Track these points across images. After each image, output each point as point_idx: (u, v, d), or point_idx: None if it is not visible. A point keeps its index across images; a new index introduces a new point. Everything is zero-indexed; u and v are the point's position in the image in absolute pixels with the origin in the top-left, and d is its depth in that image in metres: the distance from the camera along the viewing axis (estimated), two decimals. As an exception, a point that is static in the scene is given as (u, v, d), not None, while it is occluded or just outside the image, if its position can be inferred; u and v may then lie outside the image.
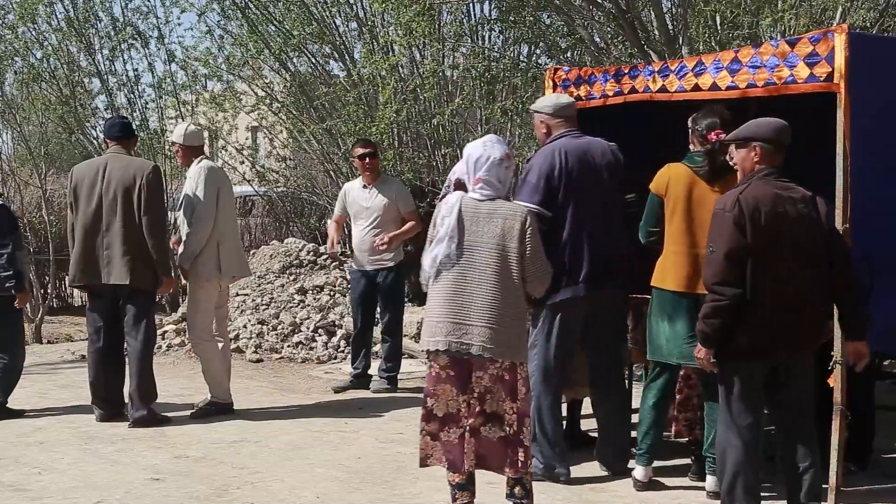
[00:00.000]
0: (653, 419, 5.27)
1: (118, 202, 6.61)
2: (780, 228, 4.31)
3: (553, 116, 5.58)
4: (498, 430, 4.44)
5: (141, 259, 6.61)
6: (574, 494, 5.24)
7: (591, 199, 5.43)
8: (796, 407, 4.48)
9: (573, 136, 5.53)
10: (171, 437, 6.42)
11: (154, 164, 6.87)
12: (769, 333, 4.33)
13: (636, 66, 5.93)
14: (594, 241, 5.41)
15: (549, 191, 5.36)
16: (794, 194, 4.38)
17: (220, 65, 12.65)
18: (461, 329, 4.37)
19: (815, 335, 4.49)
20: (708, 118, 5.10)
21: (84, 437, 6.40)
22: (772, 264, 4.31)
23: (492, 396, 4.43)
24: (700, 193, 5.06)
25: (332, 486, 5.38)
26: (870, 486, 5.26)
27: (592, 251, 5.40)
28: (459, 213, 4.44)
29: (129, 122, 7.45)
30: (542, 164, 5.42)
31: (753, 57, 5.05)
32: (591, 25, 9.88)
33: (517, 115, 10.75)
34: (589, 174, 5.44)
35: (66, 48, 12.73)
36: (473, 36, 11.48)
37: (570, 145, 5.47)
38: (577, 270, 5.38)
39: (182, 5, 12.69)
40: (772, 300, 4.31)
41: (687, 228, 5.07)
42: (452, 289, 4.41)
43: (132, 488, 5.34)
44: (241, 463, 5.82)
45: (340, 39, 11.93)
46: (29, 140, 14.13)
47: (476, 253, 4.42)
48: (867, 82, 4.77)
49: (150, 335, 6.80)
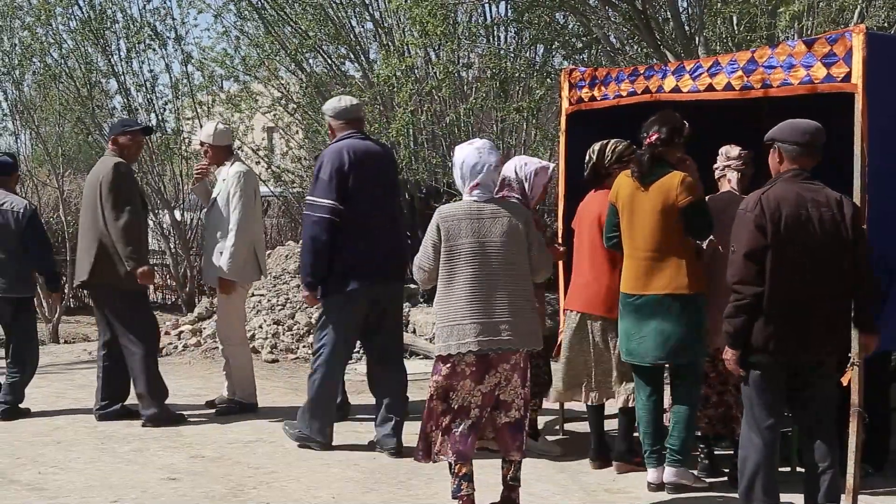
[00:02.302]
0: (646, 419, 5.29)
1: (85, 202, 6.72)
2: (801, 229, 4.30)
3: (335, 118, 6.06)
4: (504, 416, 4.66)
5: (104, 257, 6.57)
6: (588, 495, 5.24)
7: (378, 196, 5.92)
8: (819, 407, 4.48)
9: (357, 138, 6.00)
10: (187, 437, 6.44)
11: (117, 160, 6.66)
12: (789, 333, 4.33)
13: (652, 67, 5.93)
14: (381, 235, 5.91)
15: (340, 187, 5.79)
16: (818, 196, 4.36)
17: (236, 65, 12.68)
18: (488, 327, 4.54)
19: (835, 336, 4.47)
20: (654, 124, 5.19)
21: (100, 437, 6.42)
22: (791, 265, 4.30)
23: (508, 384, 4.64)
24: (637, 199, 5.21)
25: (347, 486, 5.39)
26: (887, 487, 5.24)
27: (380, 244, 5.90)
28: (437, 225, 4.63)
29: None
30: (332, 162, 5.84)
31: (770, 57, 5.04)
32: (606, 25, 9.86)
33: (532, 116, 10.75)
34: (374, 172, 5.92)
35: (83, 49, 12.78)
36: (489, 36, 11.49)
37: (356, 145, 5.92)
38: (366, 262, 5.84)
39: (199, 6, 12.75)
40: (791, 300, 4.31)
41: (630, 234, 5.25)
42: (472, 289, 4.57)
43: (148, 488, 5.36)
44: (257, 463, 5.84)
45: (356, 40, 11.95)
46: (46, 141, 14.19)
47: (489, 252, 4.57)
48: (885, 82, 4.75)
49: (140, 333, 6.69)
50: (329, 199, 5.78)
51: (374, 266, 5.87)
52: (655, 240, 5.14)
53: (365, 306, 5.97)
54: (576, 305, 5.68)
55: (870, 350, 4.62)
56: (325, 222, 5.79)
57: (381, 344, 6.14)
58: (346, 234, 5.81)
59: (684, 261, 5.13)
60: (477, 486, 4.68)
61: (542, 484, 5.38)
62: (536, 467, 5.64)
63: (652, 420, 5.29)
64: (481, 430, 4.69)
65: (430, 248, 4.67)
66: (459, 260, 4.58)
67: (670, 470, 5.22)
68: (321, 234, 5.80)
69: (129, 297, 6.70)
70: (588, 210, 5.70)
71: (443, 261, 4.63)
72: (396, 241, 6.07)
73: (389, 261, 5.98)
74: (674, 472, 5.22)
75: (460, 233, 4.59)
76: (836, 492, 4.43)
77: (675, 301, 5.09)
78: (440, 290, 4.65)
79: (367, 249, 5.84)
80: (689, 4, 10.07)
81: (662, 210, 5.10)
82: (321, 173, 5.84)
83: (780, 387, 4.44)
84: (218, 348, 7.78)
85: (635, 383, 5.37)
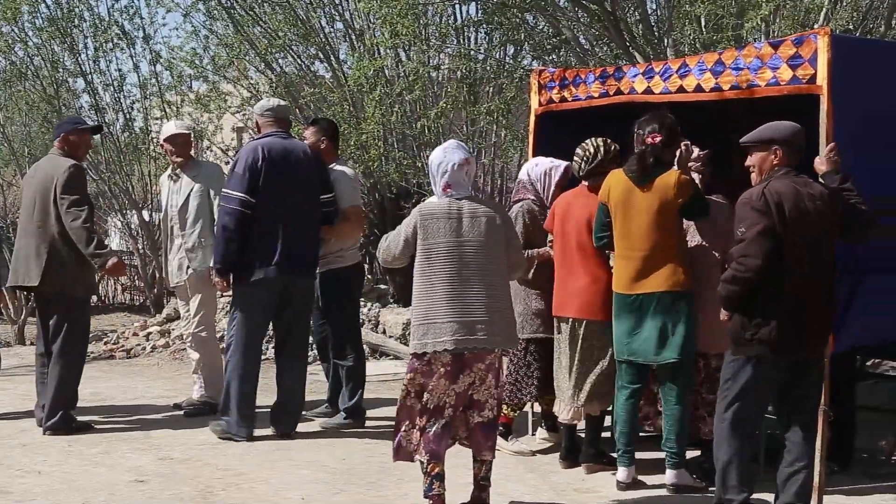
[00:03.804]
0: (625, 418, 5.30)
1: (36, 203, 6.49)
2: (802, 222, 4.39)
3: (261, 116, 6.43)
4: (478, 416, 4.68)
5: (56, 261, 6.42)
6: (558, 494, 5.26)
7: (290, 193, 6.17)
8: (805, 405, 4.54)
9: (279, 136, 6.33)
10: (156, 439, 6.40)
11: (73, 162, 6.53)
12: (791, 329, 4.40)
13: (621, 68, 5.96)
14: (290, 230, 6.16)
15: (252, 182, 6.09)
16: (811, 190, 4.46)
17: (205, 65, 12.60)
18: (466, 327, 4.55)
19: (827, 332, 4.57)
20: (650, 123, 5.19)
21: (67, 439, 6.36)
22: (793, 258, 4.39)
23: (483, 384, 4.65)
24: (634, 198, 5.19)
25: (316, 487, 5.37)
26: (852, 485, 5.29)
27: (288, 239, 6.15)
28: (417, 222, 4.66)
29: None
30: (247, 157, 6.16)
31: (737, 59, 5.08)
32: (576, 27, 9.90)
33: (502, 117, 10.77)
34: (289, 171, 6.20)
35: (49, 47, 12.65)
36: (459, 37, 11.49)
37: (274, 143, 6.25)
38: (271, 254, 6.12)
39: (167, 5, 12.65)
40: (793, 294, 4.38)
41: (625, 233, 5.22)
42: (450, 288, 4.58)
43: (116, 490, 5.32)
44: (226, 464, 5.81)
45: (325, 40, 11.92)
46: (12, 140, 14.04)
47: (467, 251, 4.59)
48: (850, 85, 4.80)
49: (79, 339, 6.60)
50: (240, 191, 6.09)
51: (282, 258, 6.15)
52: (652, 238, 5.14)
53: (273, 296, 6.25)
54: (569, 312, 5.55)
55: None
56: (237, 213, 6.11)
57: (282, 335, 6.44)
58: (257, 226, 6.13)
59: (679, 259, 5.16)
60: (448, 486, 4.68)
61: (513, 483, 5.39)
62: (507, 467, 5.65)
63: (630, 420, 5.30)
64: (454, 430, 4.70)
65: (403, 240, 4.68)
66: (438, 258, 4.60)
67: (673, 472, 5.21)
68: (232, 224, 6.11)
69: (76, 303, 6.58)
70: (573, 212, 5.57)
71: (421, 259, 4.64)
72: (308, 237, 6.33)
73: (299, 255, 6.24)
74: (676, 473, 5.21)
75: (439, 231, 4.61)
76: (808, 491, 4.48)
77: (672, 298, 5.11)
78: (417, 287, 4.65)
79: (277, 242, 6.14)
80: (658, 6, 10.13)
81: (660, 209, 5.11)
82: (236, 167, 6.18)
83: (771, 383, 4.50)
84: (185, 350, 7.75)
85: (619, 383, 5.35)
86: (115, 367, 9.31)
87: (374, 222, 11.92)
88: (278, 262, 6.14)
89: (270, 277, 6.15)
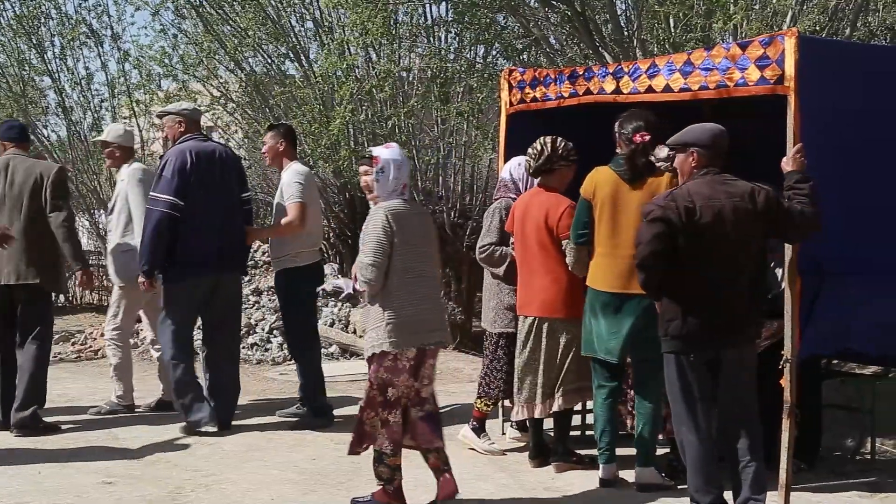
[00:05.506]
0: (604, 417, 5.32)
1: (23, 201, 6.46)
2: (715, 220, 4.42)
3: (179, 116, 6.59)
4: (420, 411, 4.81)
5: (38, 259, 6.45)
6: (527, 493, 5.27)
7: (217, 194, 6.40)
8: (736, 400, 4.55)
9: (200, 140, 6.55)
10: (124, 440, 6.35)
11: (61, 165, 6.73)
12: (704, 323, 4.44)
13: (591, 68, 5.98)
14: (219, 230, 6.39)
15: (182, 185, 6.25)
16: (732, 189, 4.49)
17: (174, 64, 12.51)
18: (428, 325, 4.74)
19: (750, 327, 4.58)
20: (633, 121, 5.21)
21: (34, 440, 6.30)
22: (706, 255, 4.43)
23: (428, 379, 4.85)
24: (624, 196, 5.19)
25: (286, 487, 5.36)
26: (818, 482, 5.34)
27: (218, 239, 6.38)
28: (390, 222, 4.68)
29: (27, 126, 7.39)
30: (174, 161, 6.31)
31: (706, 59, 5.11)
32: (546, 27, 9.93)
33: (473, 117, 10.77)
34: (215, 172, 6.42)
35: (15, 45, 12.52)
36: (429, 37, 11.48)
37: (198, 147, 6.45)
38: (203, 255, 6.32)
39: (136, 3, 12.55)
40: (705, 290, 4.44)
41: (613, 231, 5.21)
42: (416, 286, 4.71)
43: (83, 492, 5.27)
44: (195, 465, 5.77)
45: (296, 39, 11.88)
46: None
47: (424, 251, 4.78)
48: (817, 85, 4.83)
49: (48, 336, 6.67)
50: (169, 194, 6.24)
51: (212, 258, 6.36)
52: None
53: (202, 295, 6.45)
54: (531, 311, 5.57)
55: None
56: (165, 216, 6.25)
57: (210, 332, 6.62)
58: (185, 228, 6.29)
59: None
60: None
61: (483, 483, 5.40)
62: (477, 466, 5.66)
63: (609, 418, 5.32)
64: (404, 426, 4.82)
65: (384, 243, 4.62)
66: (406, 258, 4.66)
67: (644, 470, 5.22)
68: (159, 227, 6.25)
69: (47, 299, 6.74)
70: (531, 211, 5.58)
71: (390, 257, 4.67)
72: (234, 236, 6.55)
73: (227, 253, 6.47)
74: (647, 472, 5.22)
75: (410, 230, 4.70)
76: (761, 484, 4.51)
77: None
78: (385, 286, 4.66)
79: (205, 242, 6.34)
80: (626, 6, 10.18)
81: None
82: (164, 171, 6.31)
83: (703, 378, 4.52)
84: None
85: (596, 382, 5.36)
86: (84, 367, 9.26)
87: (345, 221, 11.89)
88: (210, 262, 6.35)
89: (201, 276, 6.38)
